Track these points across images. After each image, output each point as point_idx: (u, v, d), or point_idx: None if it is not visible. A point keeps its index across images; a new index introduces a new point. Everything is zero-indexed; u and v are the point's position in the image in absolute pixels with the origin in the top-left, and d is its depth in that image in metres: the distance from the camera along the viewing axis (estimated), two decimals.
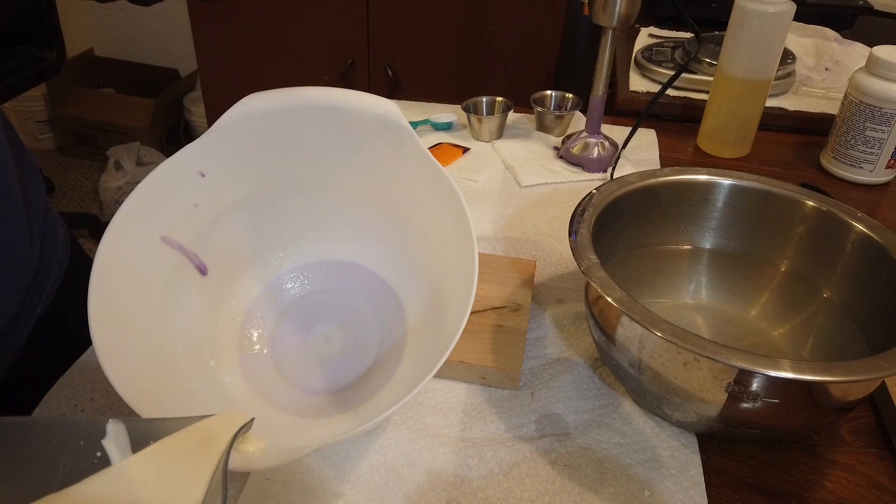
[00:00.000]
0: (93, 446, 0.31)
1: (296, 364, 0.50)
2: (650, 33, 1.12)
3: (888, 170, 0.76)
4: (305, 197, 0.52)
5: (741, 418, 0.42)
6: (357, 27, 1.58)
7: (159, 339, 0.44)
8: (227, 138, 0.47)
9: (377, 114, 0.47)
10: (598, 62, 0.72)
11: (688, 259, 0.58)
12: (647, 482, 0.44)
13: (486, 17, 1.53)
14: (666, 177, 0.55)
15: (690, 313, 0.56)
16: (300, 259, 0.54)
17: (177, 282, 0.47)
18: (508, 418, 0.48)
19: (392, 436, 0.46)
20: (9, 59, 1.52)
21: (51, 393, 0.49)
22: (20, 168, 0.54)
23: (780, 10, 0.71)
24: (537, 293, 0.60)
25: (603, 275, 0.43)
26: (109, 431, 0.31)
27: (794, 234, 0.54)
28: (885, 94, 0.71)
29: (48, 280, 0.57)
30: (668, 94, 0.91)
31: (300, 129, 0.49)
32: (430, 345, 0.45)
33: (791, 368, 0.37)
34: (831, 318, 0.52)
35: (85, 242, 1.94)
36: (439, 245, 0.49)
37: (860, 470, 0.46)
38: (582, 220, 0.48)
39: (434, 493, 0.43)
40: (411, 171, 0.48)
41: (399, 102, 0.68)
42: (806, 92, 0.94)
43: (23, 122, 2.28)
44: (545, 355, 0.53)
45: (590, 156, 0.77)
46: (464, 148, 0.82)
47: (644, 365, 0.43)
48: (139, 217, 0.45)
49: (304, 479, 0.44)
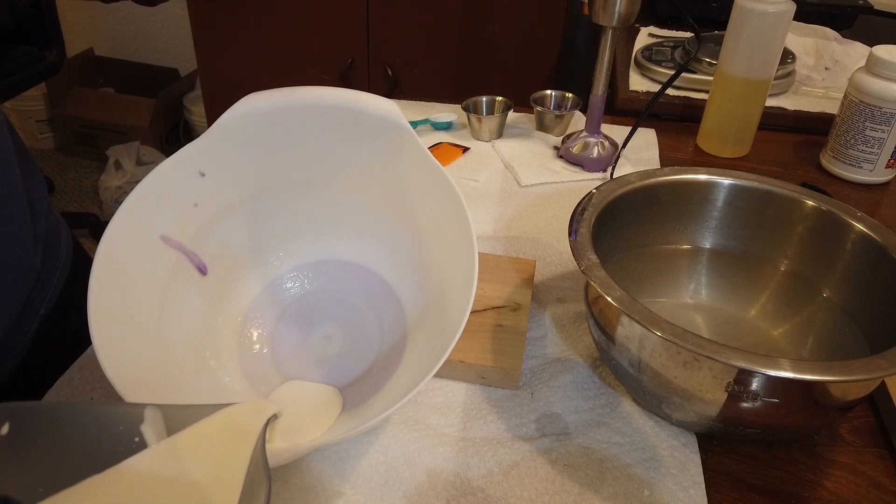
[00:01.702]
0: (131, 431, 0.31)
1: (295, 363, 0.50)
2: (650, 33, 1.12)
3: (888, 169, 0.76)
4: (305, 196, 0.52)
5: (741, 418, 0.42)
6: (357, 27, 1.58)
7: (159, 339, 0.44)
8: (227, 138, 0.47)
9: (377, 113, 0.47)
10: (598, 62, 0.72)
11: (688, 259, 0.58)
12: (646, 482, 0.44)
13: (486, 17, 1.53)
14: (666, 176, 0.55)
15: (690, 313, 0.56)
16: (300, 258, 0.54)
17: (177, 281, 0.47)
18: (508, 418, 0.48)
19: (392, 435, 0.46)
20: (9, 58, 1.52)
21: (51, 392, 0.49)
22: (23, 169, 0.54)
23: (780, 9, 0.71)
24: (537, 293, 0.60)
25: (603, 274, 0.43)
26: (147, 416, 0.32)
27: (794, 233, 0.54)
28: (884, 93, 0.71)
29: (51, 280, 0.57)
30: (668, 93, 0.91)
31: (300, 129, 0.49)
32: (430, 344, 0.45)
33: (791, 368, 0.37)
34: (831, 318, 0.52)
35: (85, 242, 1.94)
36: (439, 244, 0.49)
37: (860, 469, 0.46)
38: (582, 220, 0.48)
39: (434, 492, 0.43)
40: (411, 170, 0.48)
41: (399, 102, 0.68)
42: (806, 91, 0.94)
43: (23, 121, 2.28)
44: (545, 355, 0.53)
45: (590, 155, 0.77)
46: (464, 147, 0.82)
47: (644, 364, 0.43)
48: (139, 217, 0.45)
49: (303, 479, 0.44)
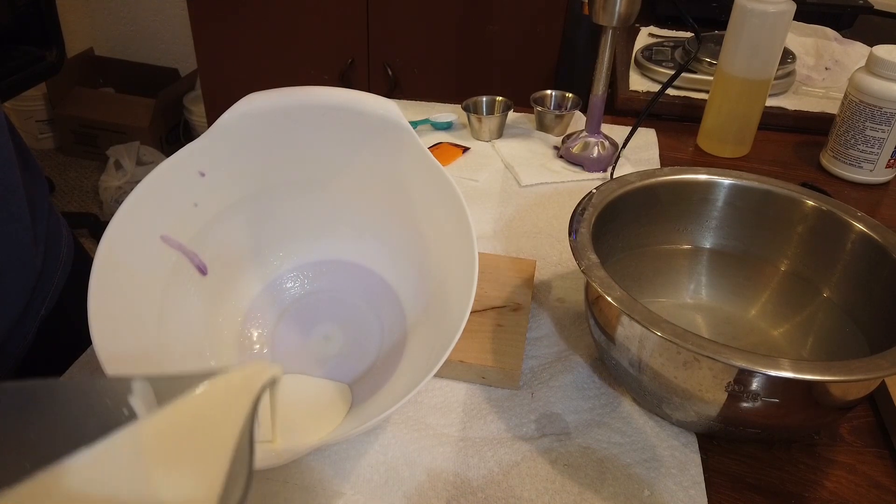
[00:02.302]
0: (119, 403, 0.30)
1: (296, 363, 0.50)
2: (650, 33, 1.12)
3: (888, 169, 0.76)
4: (305, 196, 0.52)
5: (741, 418, 0.42)
6: (357, 27, 1.58)
7: (159, 339, 0.44)
8: (227, 138, 0.47)
9: (377, 113, 0.47)
10: (598, 62, 0.72)
11: (688, 259, 0.58)
12: (646, 481, 0.44)
13: (486, 17, 1.53)
14: (666, 176, 0.55)
15: (690, 313, 0.56)
16: (300, 258, 0.54)
17: (177, 281, 0.47)
18: (508, 418, 0.48)
19: (392, 435, 0.46)
20: (9, 58, 1.53)
21: None
22: (24, 169, 0.53)
23: (781, 9, 0.71)
24: (537, 293, 0.60)
25: (603, 274, 0.43)
26: (136, 389, 0.31)
27: (794, 233, 0.54)
28: (885, 93, 0.71)
29: (52, 281, 0.57)
30: (668, 93, 0.91)
31: (300, 128, 0.49)
32: (430, 344, 0.45)
33: (791, 368, 0.37)
34: (831, 318, 0.52)
35: (85, 242, 1.94)
36: (439, 244, 0.49)
37: (860, 469, 0.46)
38: (582, 220, 0.48)
39: (434, 492, 0.43)
40: (411, 170, 0.48)
41: (399, 102, 0.68)
42: (806, 91, 0.94)
43: (23, 121, 2.28)
44: (545, 355, 0.53)
45: (590, 155, 0.77)
46: (464, 147, 0.82)
47: (644, 364, 0.43)
48: (139, 217, 0.45)
49: (303, 479, 0.44)
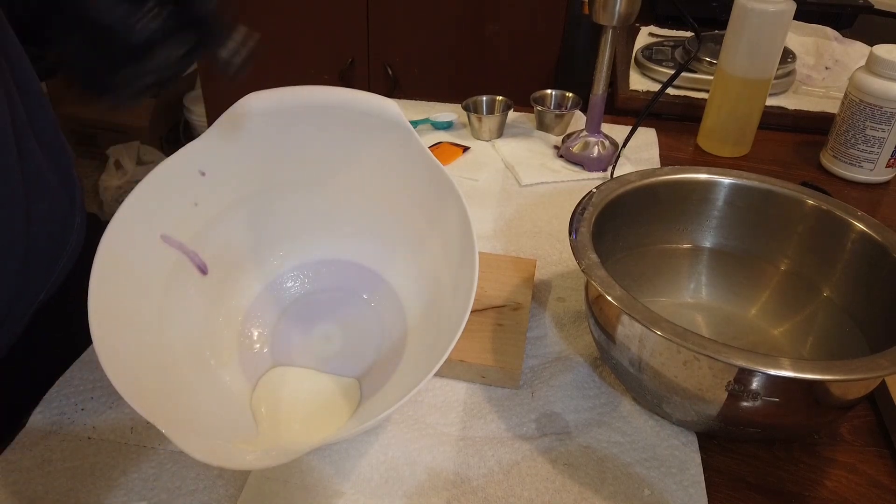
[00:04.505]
0: None
1: (296, 363, 0.50)
2: (650, 32, 1.12)
3: (888, 169, 0.76)
4: (305, 196, 0.52)
5: (741, 417, 0.42)
6: (357, 27, 1.58)
7: (159, 338, 0.44)
8: (227, 137, 0.47)
9: (377, 113, 0.47)
10: (598, 61, 0.72)
11: (688, 258, 0.58)
12: (647, 481, 0.44)
13: (485, 17, 1.53)
14: (666, 176, 0.55)
15: (690, 312, 0.56)
16: (300, 258, 0.54)
17: (177, 281, 0.47)
18: (508, 417, 0.48)
19: (392, 434, 0.46)
20: None
21: (52, 391, 0.49)
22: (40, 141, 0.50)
23: (781, 8, 0.71)
24: (537, 292, 0.60)
25: (603, 273, 0.43)
26: None
27: (795, 233, 0.54)
28: (885, 93, 0.71)
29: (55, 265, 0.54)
30: (668, 93, 0.91)
31: (300, 128, 0.49)
32: (430, 344, 0.45)
33: (791, 367, 0.37)
34: (831, 318, 0.52)
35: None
36: (439, 244, 0.49)
37: (860, 469, 0.46)
38: (582, 219, 0.48)
39: (434, 491, 0.43)
40: (412, 170, 0.48)
41: (399, 102, 0.67)
42: (806, 91, 0.94)
43: None
44: (545, 354, 0.53)
45: (590, 155, 0.77)
46: (464, 147, 0.82)
47: (644, 364, 0.43)
48: (139, 216, 0.45)
49: (304, 478, 0.44)
